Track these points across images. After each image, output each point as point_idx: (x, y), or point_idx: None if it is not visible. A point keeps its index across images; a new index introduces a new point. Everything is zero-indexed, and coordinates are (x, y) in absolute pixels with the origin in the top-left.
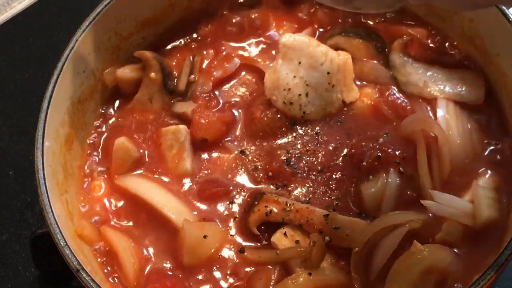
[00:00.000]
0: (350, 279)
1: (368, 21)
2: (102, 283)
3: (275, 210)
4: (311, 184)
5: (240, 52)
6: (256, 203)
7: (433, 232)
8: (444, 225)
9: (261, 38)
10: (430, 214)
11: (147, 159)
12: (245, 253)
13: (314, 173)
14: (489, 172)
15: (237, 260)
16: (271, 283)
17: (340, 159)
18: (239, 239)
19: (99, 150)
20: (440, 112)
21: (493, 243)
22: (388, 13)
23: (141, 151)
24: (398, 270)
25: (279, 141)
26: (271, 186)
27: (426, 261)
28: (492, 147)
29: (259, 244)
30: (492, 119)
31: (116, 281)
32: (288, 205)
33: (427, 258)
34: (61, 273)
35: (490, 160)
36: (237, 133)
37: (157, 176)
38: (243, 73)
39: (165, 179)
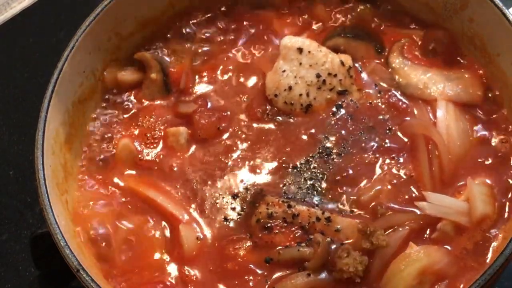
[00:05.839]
0: (348, 279)
1: (368, 22)
2: (103, 283)
3: (276, 211)
4: (312, 185)
5: (241, 52)
6: (257, 204)
7: (430, 233)
8: (439, 225)
9: (262, 39)
10: (429, 214)
11: (149, 160)
12: (246, 254)
13: (315, 173)
14: (486, 170)
15: (239, 261)
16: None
17: (341, 160)
18: (240, 240)
19: (100, 150)
20: (440, 113)
21: (492, 243)
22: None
23: (143, 151)
24: (394, 271)
25: (280, 141)
26: (272, 187)
27: (422, 262)
28: (491, 147)
29: (260, 244)
30: (491, 119)
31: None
32: (289, 206)
33: (423, 260)
34: (61, 273)
35: (488, 159)
36: (238, 133)
37: (159, 176)
38: (244, 73)
39: (167, 179)
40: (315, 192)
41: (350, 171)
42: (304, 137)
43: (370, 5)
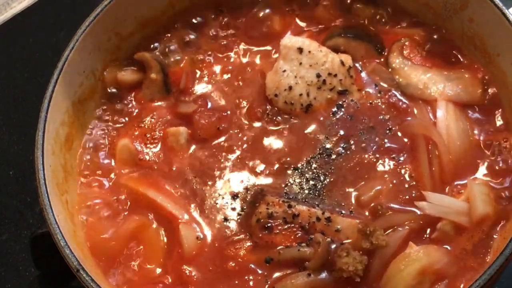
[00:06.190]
0: (348, 279)
1: (368, 22)
2: (102, 283)
3: (276, 211)
4: (313, 185)
5: (242, 52)
6: (257, 204)
7: (430, 232)
8: (439, 224)
9: (263, 39)
10: (429, 214)
11: (149, 160)
12: (246, 254)
13: (315, 173)
14: (486, 170)
15: (239, 261)
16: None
17: (341, 160)
18: (240, 240)
19: (100, 150)
20: (440, 113)
21: (492, 243)
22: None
23: (143, 151)
24: (394, 271)
25: (280, 142)
26: (273, 188)
27: (422, 262)
28: (491, 147)
29: (260, 244)
30: (491, 119)
31: (115, 280)
32: (290, 206)
33: (423, 259)
34: (61, 273)
35: (488, 159)
36: (238, 133)
37: (159, 176)
38: (244, 73)
39: (167, 179)
40: (315, 192)
41: (350, 171)
42: (304, 137)
43: (370, 5)
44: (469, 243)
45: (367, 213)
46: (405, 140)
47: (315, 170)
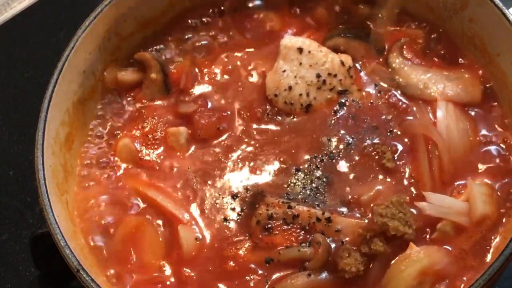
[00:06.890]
0: (348, 280)
1: (368, 22)
2: (103, 284)
3: (276, 212)
4: (313, 186)
5: (242, 52)
6: (256, 205)
7: (430, 233)
8: (439, 225)
9: (263, 39)
10: (429, 214)
11: (149, 160)
12: (246, 254)
13: (315, 174)
14: (486, 170)
15: (238, 261)
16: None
17: (340, 160)
18: (240, 240)
19: (100, 150)
20: (440, 114)
21: (492, 243)
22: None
23: (143, 151)
24: (395, 271)
25: (280, 142)
26: (273, 188)
27: (422, 262)
28: (491, 147)
29: (261, 245)
30: (491, 119)
31: (115, 281)
32: (290, 207)
33: (423, 260)
34: (61, 273)
35: (488, 159)
36: (238, 133)
37: (159, 176)
38: (244, 73)
39: (167, 178)
40: (315, 192)
41: (350, 171)
42: (304, 137)
43: (370, 5)
44: (469, 243)
45: (367, 213)
46: (405, 140)
47: (315, 170)
